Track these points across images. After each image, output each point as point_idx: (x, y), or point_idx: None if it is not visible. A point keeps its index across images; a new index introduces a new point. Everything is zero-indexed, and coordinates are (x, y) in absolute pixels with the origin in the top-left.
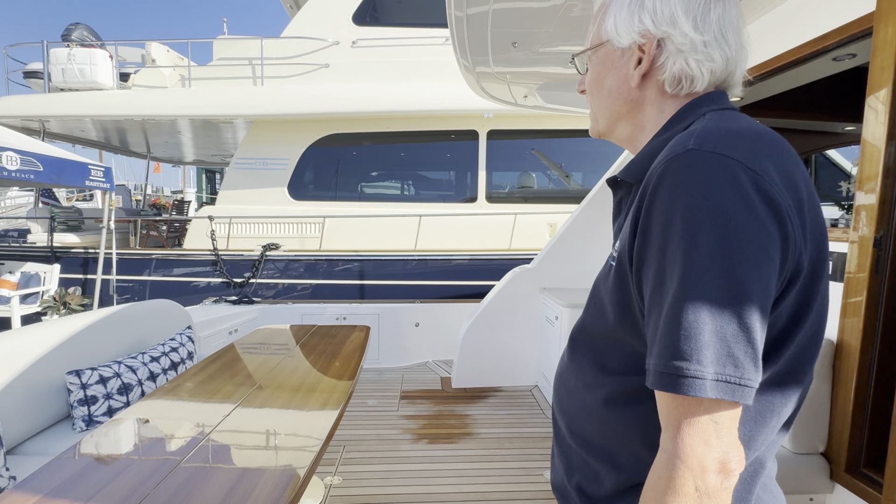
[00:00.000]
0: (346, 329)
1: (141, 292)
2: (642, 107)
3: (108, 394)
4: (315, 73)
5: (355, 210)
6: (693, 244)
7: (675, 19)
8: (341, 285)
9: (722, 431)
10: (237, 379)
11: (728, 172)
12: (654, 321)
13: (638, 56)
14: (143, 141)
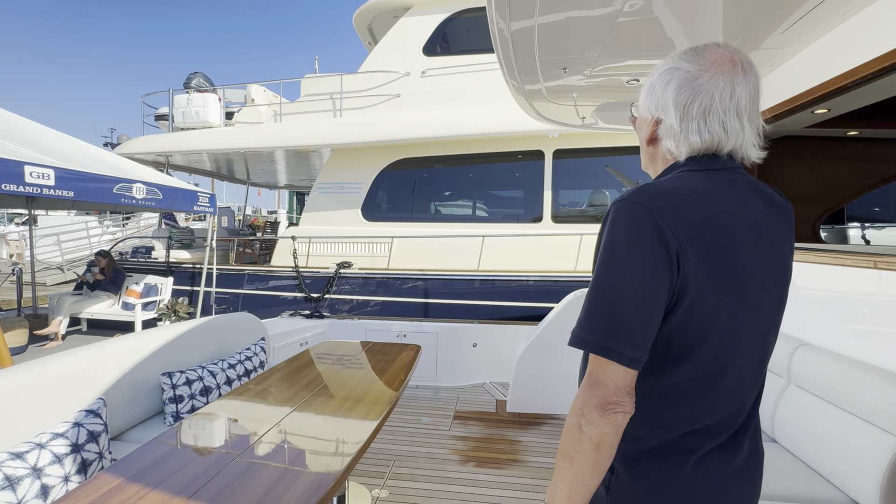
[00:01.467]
0: (398, 347)
1: (235, 303)
2: (655, 159)
3: (192, 394)
4: (387, 103)
5: (423, 231)
6: (604, 254)
7: (667, 108)
8: (407, 303)
9: (611, 384)
10: (293, 389)
11: (634, 212)
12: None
13: (650, 125)
14: (244, 169)
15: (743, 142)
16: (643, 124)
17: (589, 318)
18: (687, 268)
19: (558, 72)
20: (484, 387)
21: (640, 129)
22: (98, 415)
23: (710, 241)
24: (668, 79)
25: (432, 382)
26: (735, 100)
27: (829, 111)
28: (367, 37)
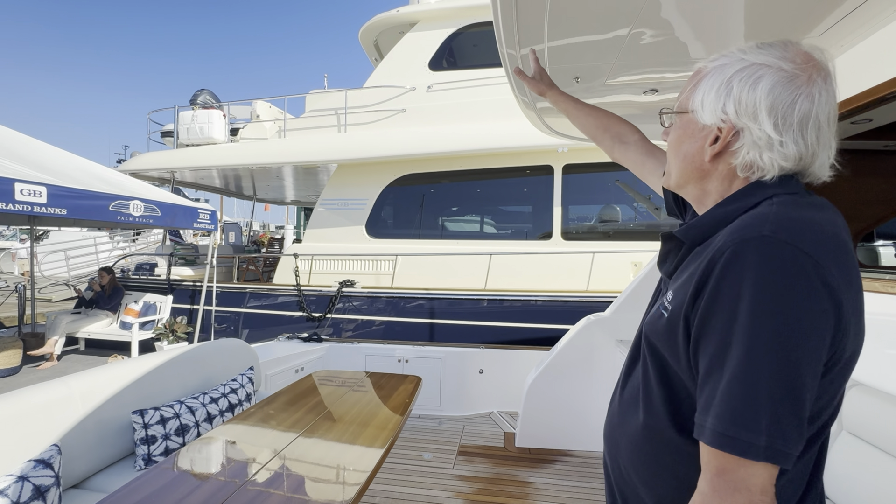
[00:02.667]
0: (397, 379)
1: (236, 322)
2: (710, 177)
3: (167, 434)
4: (393, 118)
5: (428, 248)
6: (760, 325)
7: (756, 114)
8: (411, 323)
9: (756, 486)
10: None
11: (797, 264)
12: (711, 385)
13: (715, 135)
14: (251, 185)
15: (829, 158)
16: (699, 133)
17: (747, 412)
18: (849, 334)
19: (570, 82)
20: (491, 417)
21: (692, 140)
22: (49, 465)
23: (857, 296)
24: (756, 76)
25: (436, 412)
26: (830, 107)
27: (872, 121)
28: (373, 52)
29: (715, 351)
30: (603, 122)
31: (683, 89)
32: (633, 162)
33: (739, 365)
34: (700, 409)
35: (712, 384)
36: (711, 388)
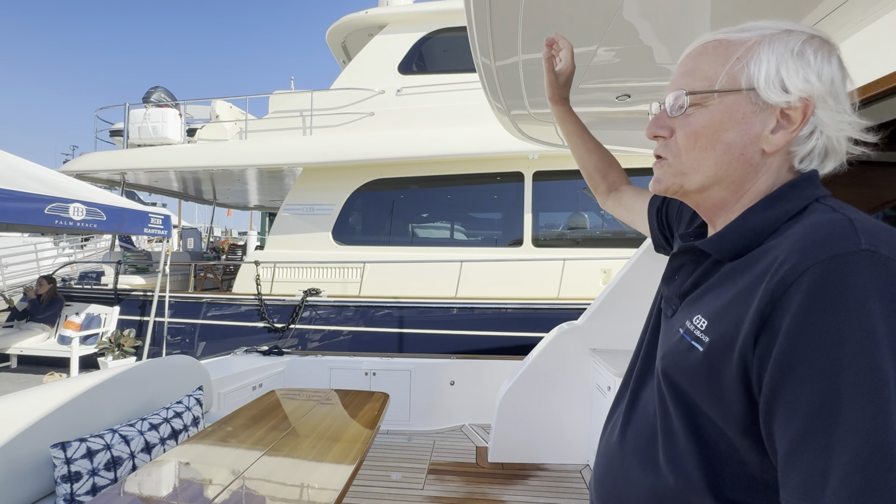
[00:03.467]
0: (362, 397)
1: (192, 335)
2: (757, 175)
3: (94, 469)
4: (361, 122)
5: (398, 255)
6: (880, 378)
7: (836, 87)
8: (379, 333)
9: None
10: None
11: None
12: (814, 456)
13: (778, 118)
14: (210, 189)
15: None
16: (753, 117)
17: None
18: None
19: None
20: (463, 430)
21: (741, 126)
22: None
23: None
24: (822, 46)
25: (405, 427)
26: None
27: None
28: (341, 54)
29: (817, 409)
30: (603, 165)
31: (699, 66)
32: (626, 206)
33: (867, 429)
34: (798, 492)
35: (816, 456)
36: (816, 461)
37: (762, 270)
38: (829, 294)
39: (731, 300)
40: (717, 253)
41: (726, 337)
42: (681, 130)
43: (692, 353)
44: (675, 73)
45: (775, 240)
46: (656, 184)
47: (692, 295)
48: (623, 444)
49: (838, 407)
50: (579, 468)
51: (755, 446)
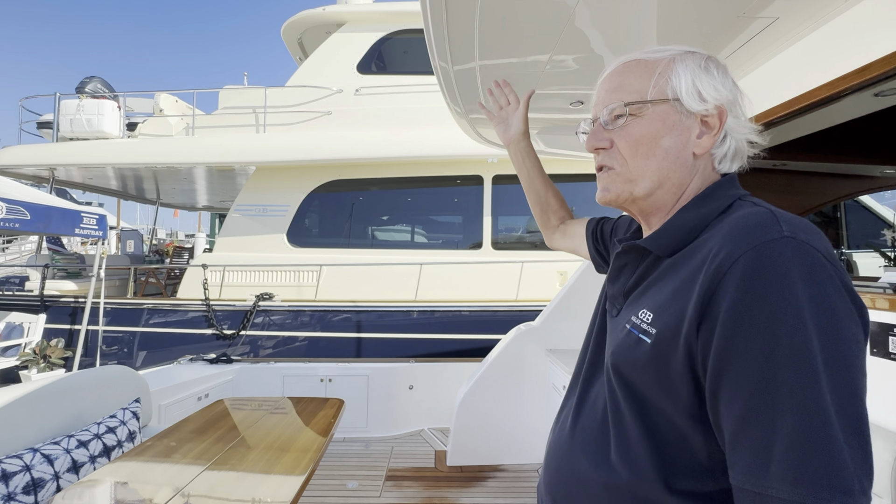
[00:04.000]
0: (316, 404)
1: (131, 344)
2: (692, 176)
3: (11, 494)
4: (317, 121)
5: (355, 258)
6: (808, 352)
7: (735, 98)
8: (336, 339)
9: None
10: (171, 471)
11: (829, 270)
12: (759, 435)
13: (700, 125)
14: (153, 187)
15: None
16: (681, 125)
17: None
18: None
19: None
20: (421, 435)
21: (674, 133)
22: None
23: None
24: (719, 65)
25: (362, 434)
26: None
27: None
28: (297, 51)
29: (758, 388)
30: (556, 201)
31: (626, 83)
32: (570, 235)
33: (804, 406)
34: (745, 470)
35: (760, 434)
36: (760, 439)
37: (699, 262)
38: (760, 277)
39: (672, 292)
40: (656, 249)
41: (671, 327)
42: (621, 140)
43: (641, 346)
44: (600, 92)
45: (708, 234)
46: (605, 193)
47: (635, 292)
48: (573, 441)
49: (776, 384)
50: (536, 467)
51: (704, 432)
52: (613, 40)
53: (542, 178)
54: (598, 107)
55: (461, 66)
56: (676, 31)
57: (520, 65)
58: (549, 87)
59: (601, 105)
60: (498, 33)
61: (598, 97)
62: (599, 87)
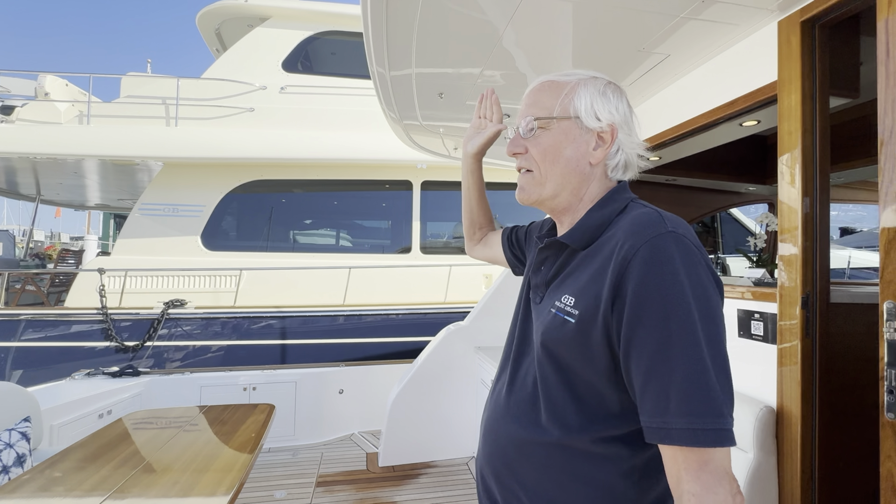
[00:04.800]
0: (244, 410)
1: (2, 361)
2: (589, 181)
3: None
4: (238, 117)
5: (279, 262)
6: (695, 316)
7: (627, 118)
8: (259, 346)
9: (729, 468)
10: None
11: (697, 255)
12: (659, 384)
13: (596, 139)
14: (32, 181)
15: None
16: (581, 138)
17: (711, 403)
18: None
19: (434, 97)
20: (352, 439)
21: (574, 145)
22: None
23: None
24: (616, 90)
25: (290, 442)
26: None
27: (660, 159)
28: (214, 41)
29: (657, 348)
30: (487, 217)
31: (543, 96)
32: (489, 245)
33: (689, 358)
34: (651, 412)
35: (660, 383)
36: (660, 387)
37: (608, 253)
38: (655, 262)
39: (589, 279)
40: (573, 243)
41: (591, 307)
42: (534, 148)
43: (566, 325)
44: (522, 106)
45: (612, 230)
46: (522, 192)
47: (556, 281)
48: (508, 415)
49: (670, 343)
50: (467, 460)
51: (617, 389)
52: (535, 62)
53: (480, 195)
54: (519, 118)
55: (398, 73)
56: (588, 58)
57: (454, 76)
58: None
59: (521, 117)
60: (435, 44)
61: (521, 110)
62: (522, 102)
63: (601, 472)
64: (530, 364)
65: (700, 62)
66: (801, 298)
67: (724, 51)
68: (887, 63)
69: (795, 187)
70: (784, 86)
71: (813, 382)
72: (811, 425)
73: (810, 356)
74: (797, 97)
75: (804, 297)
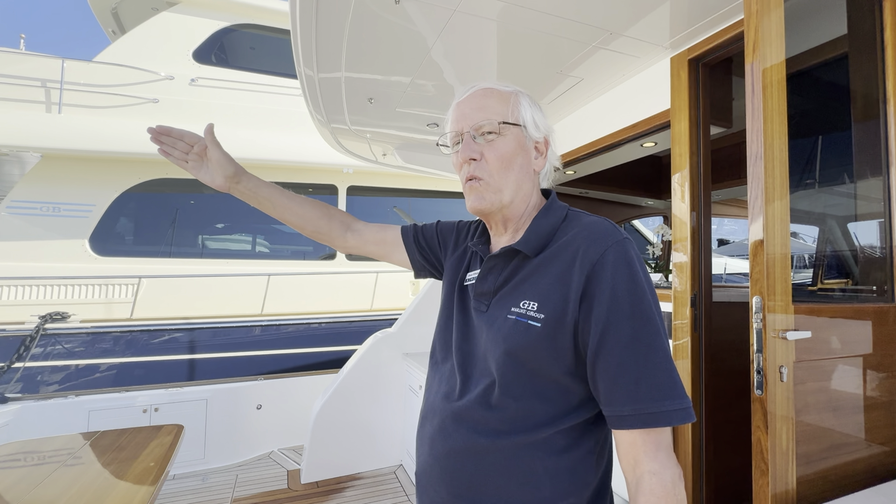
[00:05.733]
0: (147, 433)
1: None
2: (534, 190)
3: None
4: (139, 108)
5: (186, 269)
6: (654, 314)
7: (550, 130)
8: (160, 363)
9: (672, 446)
10: None
11: (640, 258)
12: (628, 375)
13: (535, 149)
14: None
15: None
16: (528, 145)
17: (671, 386)
18: None
19: (364, 102)
20: (271, 457)
21: (524, 153)
22: None
23: None
24: (541, 108)
25: (199, 466)
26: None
27: (575, 173)
28: (110, 22)
29: (627, 342)
30: (324, 210)
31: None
32: (373, 241)
33: (654, 348)
34: (623, 401)
35: (631, 373)
36: (631, 377)
37: (570, 258)
38: (620, 264)
39: (551, 283)
40: (528, 251)
41: (558, 310)
42: (490, 153)
43: (531, 330)
44: (464, 110)
45: (564, 237)
46: (480, 202)
47: (505, 288)
48: (461, 423)
49: (638, 338)
50: (394, 469)
51: (578, 383)
52: (462, 75)
53: (292, 200)
54: (465, 122)
55: (327, 75)
56: (513, 76)
57: (384, 82)
58: (410, 107)
59: (468, 121)
60: (366, 49)
61: (463, 114)
62: (462, 107)
63: (564, 460)
64: (484, 371)
65: (609, 87)
66: (690, 298)
67: (628, 79)
68: (753, 99)
69: (685, 203)
70: (675, 113)
71: (700, 370)
72: (699, 408)
73: (698, 348)
74: (686, 124)
75: (693, 297)
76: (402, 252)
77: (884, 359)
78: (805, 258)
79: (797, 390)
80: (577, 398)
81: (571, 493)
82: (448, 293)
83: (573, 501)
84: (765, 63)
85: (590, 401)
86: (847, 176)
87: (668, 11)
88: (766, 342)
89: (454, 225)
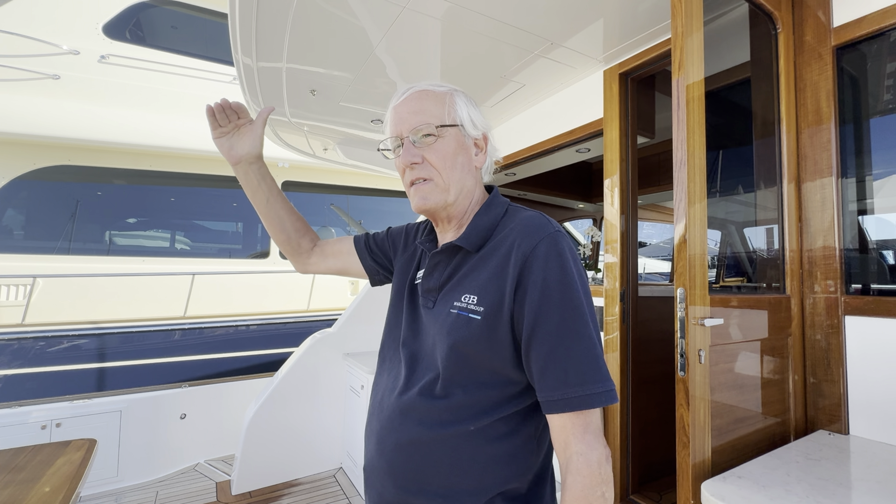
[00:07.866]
0: (50, 451)
1: None
2: (476, 186)
3: None
4: (34, 83)
5: (90, 268)
6: (584, 301)
7: (488, 126)
8: (61, 374)
9: (601, 428)
10: None
11: (574, 249)
12: (559, 362)
13: (475, 146)
14: None
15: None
16: (467, 143)
17: (598, 370)
18: None
19: (306, 94)
20: (197, 469)
21: (465, 151)
22: None
23: None
24: (472, 101)
25: (112, 485)
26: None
27: (515, 175)
28: None
29: (556, 331)
30: (303, 223)
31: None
32: (332, 253)
33: (581, 336)
34: (552, 386)
35: (560, 361)
36: (560, 364)
37: (506, 252)
38: (551, 256)
39: (489, 277)
40: (469, 246)
41: (496, 302)
42: (432, 156)
43: (472, 323)
44: (401, 114)
45: (502, 231)
46: (425, 202)
47: (450, 284)
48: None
49: (566, 327)
50: (334, 472)
51: (517, 371)
52: (406, 74)
53: (283, 202)
54: (403, 126)
55: (266, 64)
56: (457, 78)
57: (328, 75)
58: (354, 102)
59: (406, 125)
60: (310, 41)
61: (400, 118)
62: (398, 110)
63: (506, 446)
64: (429, 366)
65: (548, 94)
66: (620, 293)
67: (566, 87)
68: (678, 111)
69: (615, 207)
70: (607, 123)
71: (627, 360)
72: (626, 393)
73: (626, 339)
74: (616, 133)
75: (622, 292)
76: (358, 261)
77: (776, 342)
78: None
79: (712, 371)
80: (517, 387)
81: (513, 477)
82: (398, 292)
83: (515, 486)
84: (688, 80)
85: (529, 388)
86: (744, 187)
87: (602, 27)
88: (687, 328)
89: (404, 227)
